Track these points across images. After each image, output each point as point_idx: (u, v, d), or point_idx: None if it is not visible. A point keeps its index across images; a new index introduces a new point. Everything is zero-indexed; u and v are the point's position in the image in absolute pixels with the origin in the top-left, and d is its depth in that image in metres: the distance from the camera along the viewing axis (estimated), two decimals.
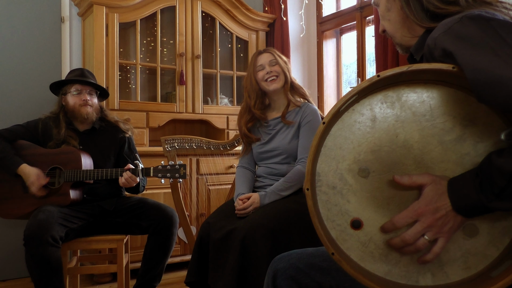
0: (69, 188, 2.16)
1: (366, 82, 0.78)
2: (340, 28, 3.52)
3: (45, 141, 2.28)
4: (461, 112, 0.79)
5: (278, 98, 2.15)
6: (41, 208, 2.04)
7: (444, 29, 0.79)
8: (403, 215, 0.78)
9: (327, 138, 0.84)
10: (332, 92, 3.58)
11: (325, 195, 0.84)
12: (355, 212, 0.83)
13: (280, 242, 1.73)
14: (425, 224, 0.77)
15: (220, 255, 1.79)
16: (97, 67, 2.84)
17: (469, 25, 0.77)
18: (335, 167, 0.84)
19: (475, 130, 0.79)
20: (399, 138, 0.81)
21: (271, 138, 2.11)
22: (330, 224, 0.83)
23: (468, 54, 0.73)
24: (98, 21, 2.85)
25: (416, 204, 0.78)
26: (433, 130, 0.80)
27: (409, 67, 0.77)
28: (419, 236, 0.77)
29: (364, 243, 0.82)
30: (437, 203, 0.77)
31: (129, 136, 2.44)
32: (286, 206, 1.87)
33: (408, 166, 0.81)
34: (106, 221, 2.27)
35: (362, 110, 0.83)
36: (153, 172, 2.19)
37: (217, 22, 3.31)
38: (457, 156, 0.79)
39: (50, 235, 1.93)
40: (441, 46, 0.78)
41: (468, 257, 0.79)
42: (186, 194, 2.94)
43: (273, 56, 2.13)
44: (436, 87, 0.81)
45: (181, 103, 3.13)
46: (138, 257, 2.57)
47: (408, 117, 0.81)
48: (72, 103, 2.29)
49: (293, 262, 1.09)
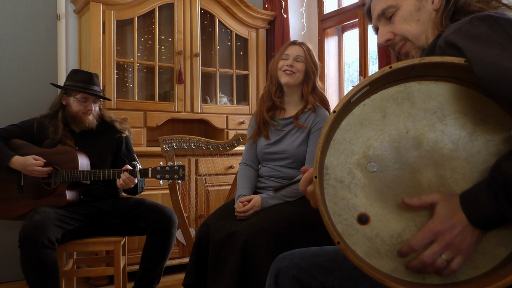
0: (65, 189, 2.16)
1: (378, 73, 0.79)
2: (342, 25, 3.52)
3: (41, 141, 2.28)
4: (473, 110, 0.80)
5: (292, 95, 2.11)
6: (36, 209, 2.04)
7: (455, 29, 0.81)
8: (420, 236, 0.78)
9: (337, 131, 0.85)
10: (334, 91, 3.58)
11: (332, 189, 0.84)
12: (362, 207, 0.83)
13: (282, 247, 1.71)
14: (443, 243, 0.76)
15: (220, 258, 1.78)
16: (94, 66, 2.84)
17: (478, 25, 0.78)
18: (343, 161, 0.84)
19: (486, 128, 0.79)
20: (409, 134, 0.82)
21: (279, 140, 2.07)
22: (337, 218, 0.83)
23: (476, 50, 0.74)
24: (94, 19, 2.85)
25: (431, 224, 0.77)
26: (444, 127, 0.81)
27: (421, 59, 0.78)
28: (437, 256, 0.77)
29: (371, 238, 0.82)
30: (452, 219, 0.76)
31: (126, 136, 2.44)
32: (288, 210, 1.86)
33: (417, 162, 0.81)
34: (103, 222, 2.27)
35: (372, 104, 0.84)
36: (151, 173, 2.19)
37: (216, 19, 3.32)
38: (467, 154, 0.80)
39: (46, 237, 1.93)
40: (451, 42, 0.80)
41: (476, 256, 0.79)
42: (184, 195, 2.94)
43: (303, 53, 2.08)
44: (447, 84, 0.82)
45: (179, 102, 3.13)
46: (136, 259, 2.57)
47: (419, 114, 0.82)
48: (76, 109, 2.29)
49: (295, 261, 1.09)
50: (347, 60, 3.60)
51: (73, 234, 2.14)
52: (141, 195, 2.69)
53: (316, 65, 2.10)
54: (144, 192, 2.75)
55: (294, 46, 2.11)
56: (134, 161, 2.25)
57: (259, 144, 2.14)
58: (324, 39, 3.59)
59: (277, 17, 3.49)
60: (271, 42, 3.50)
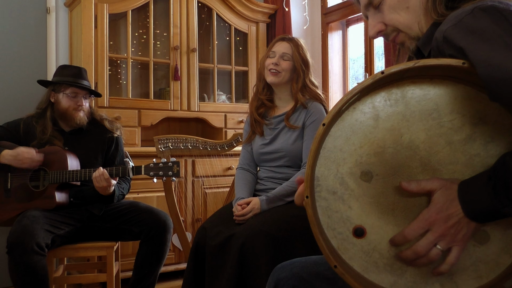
0: (54, 191, 2.17)
1: (369, 79, 0.78)
2: (346, 19, 3.52)
3: (28, 142, 2.28)
4: (471, 110, 0.79)
5: (281, 93, 2.14)
6: (25, 214, 2.05)
7: (454, 22, 0.79)
8: (414, 226, 0.78)
9: (326, 139, 0.83)
10: (338, 89, 3.58)
11: (325, 201, 0.83)
12: (357, 219, 0.82)
13: (282, 251, 1.72)
14: (438, 233, 0.76)
15: (217, 263, 1.79)
16: (85, 61, 2.84)
17: (481, 17, 0.76)
18: (335, 170, 0.83)
19: (486, 129, 0.78)
20: (404, 138, 0.81)
21: (273, 138, 2.09)
22: (331, 232, 0.82)
23: (480, 50, 0.73)
24: (86, 12, 2.85)
25: (427, 213, 0.77)
26: (441, 130, 0.80)
27: (416, 63, 0.77)
28: (431, 246, 0.77)
29: (368, 252, 0.81)
30: (449, 210, 0.76)
31: (117, 136, 2.44)
32: (288, 212, 1.86)
33: (414, 168, 0.81)
34: (94, 226, 2.28)
35: (364, 108, 0.82)
36: (144, 170, 2.19)
37: (214, 13, 3.32)
38: (466, 157, 0.79)
39: (35, 242, 1.93)
40: (451, 41, 0.78)
41: (479, 265, 0.79)
42: (181, 198, 2.95)
43: (290, 50, 2.09)
44: (443, 83, 0.80)
45: (175, 100, 3.13)
46: (129, 265, 2.57)
47: (414, 116, 0.81)
48: (65, 106, 2.30)
49: (296, 272, 1.09)
50: (352, 56, 3.60)
51: (63, 239, 2.14)
52: (136, 197, 2.70)
53: (306, 62, 2.11)
54: (138, 195, 2.76)
55: (281, 43, 2.12)
56: (122, 164, 2.24)
57: (254, 146, 2.16)
58: (327, 33, 3.58)
59: (278, 10, 3.49)
60: (271, 37, 3.50)
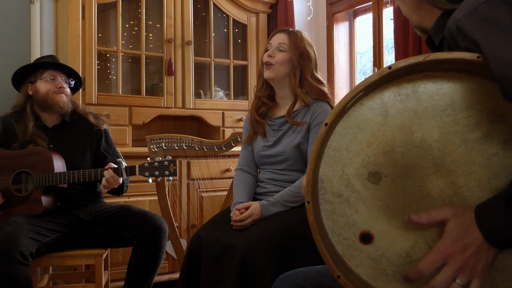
0: (40, 195, 2.17)
1: (376, 75, 0.78)
2: (353, 9, 3.52)
3: (8, 143, 2.27)
4: (488, 106, 0.79)
5: (281, 90, 2.12)
6: (7, 220, 2.04)
7: (469, 10, 0.78)
8: (429, 260, 0.77)
9: (331, 137, 0.83)
10: (345, 84, 3.58)
11: (329, 205, 0.83)
12: (364, 223, 0.82)
13: (286, 262, 1.71)
14: (456, 266, 0.76)
15: (215, 275, 1.78)
16: (72, 55, 2.84)
17: (498, 5, 0.75)
18: (340, 171, 0.83)
19: (505, 127, 0.78)
20: (415, 136, 0.81)
21: (277, 141, 2.07)
22: (336, 238, 0.83)
23: (495, 44, 0.72)
24: (73, 2, 2.85)
25: (441, 245, 0.77)
26: (456, 127, 0.80)
27: (426, 56, 0.77)
28: (450, 281, 0.76)
29: (376, 259, 0.81)
30: (465, 239, 0.76)
31: (105, 128, 2.45)
32: (292, 218, 1.85)
33: (426, 169, 0.80)
34: (83, 233, 2.28)
35: (371, 104, 0.82)
36: (138, 170, 2.20)
37: (211, 3, 3.32)
38: (483, 157, 0.79)
39: (19, 251, 1.93)
40: (465, 32, 0.78)
41: (495, 274, 0.79)
42: (175, 202, 2.95)
43: (288, 40, 2.07)
44: (458, 77, 0.80)
45: (169, 96, 3.13)
46: (120, 275, 2.58)
47: (426, 112, 0.81)
48: (45, 90, 2.30)
49: (299, 282, 1.09)
50: (359, 49, 3.60)
51: (49, 246, 2.14)
52: (127, 201, 2.70)
53: (305, 52, 2.07)
54: (129, 199, 2.76)
55: (279, 34, 2.11)
56: (117, 157, 2.24)
57: (256, 147, 2.14)
58: (333, 25, 3.59)
59: (280, 0, 3.49)
60: (273, 29, 3.50)
